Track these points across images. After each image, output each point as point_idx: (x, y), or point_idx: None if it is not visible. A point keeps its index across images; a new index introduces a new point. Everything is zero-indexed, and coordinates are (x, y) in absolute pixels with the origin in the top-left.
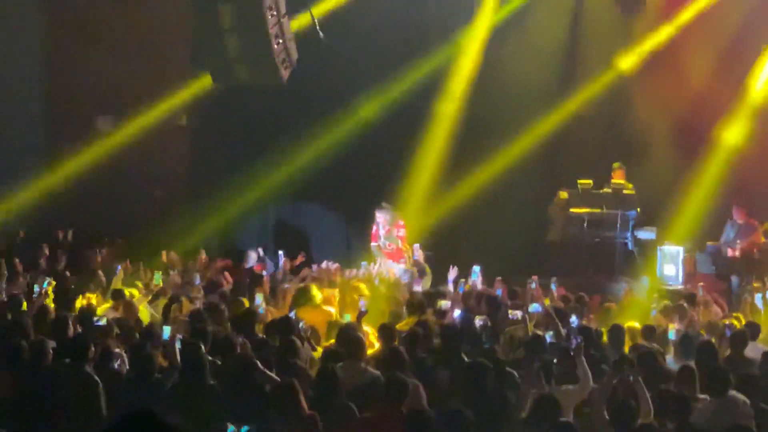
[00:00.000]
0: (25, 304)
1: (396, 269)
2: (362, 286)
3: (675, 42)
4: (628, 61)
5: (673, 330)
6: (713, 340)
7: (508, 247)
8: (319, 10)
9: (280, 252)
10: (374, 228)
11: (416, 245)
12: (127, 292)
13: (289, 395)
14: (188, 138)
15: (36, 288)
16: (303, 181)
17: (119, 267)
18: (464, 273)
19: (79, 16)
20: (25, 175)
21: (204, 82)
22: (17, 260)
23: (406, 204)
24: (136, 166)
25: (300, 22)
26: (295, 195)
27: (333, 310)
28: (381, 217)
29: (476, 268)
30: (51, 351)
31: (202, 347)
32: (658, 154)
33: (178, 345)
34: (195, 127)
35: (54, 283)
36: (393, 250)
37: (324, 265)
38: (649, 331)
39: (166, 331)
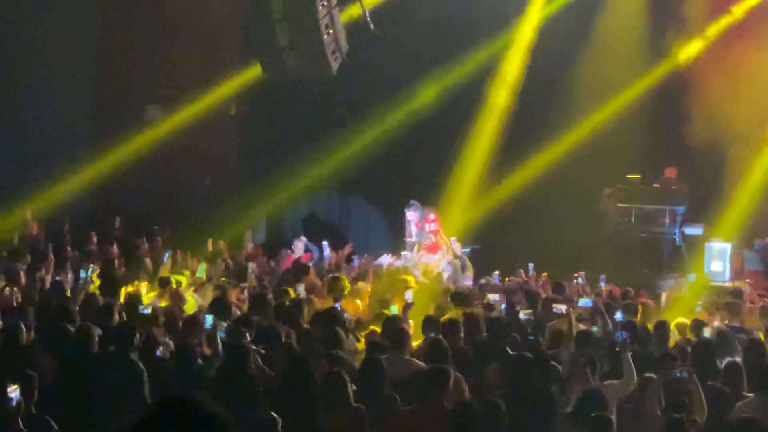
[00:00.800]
0: (69, 290)
1: (438, 262)
2: (410, 279)
3: (730, 35)
4: (685, 53)
5: (709, 328)
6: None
7: (557, 242)
8: (370, 1)
9: (325, 242)
10: (407, 227)
11: (453, 239)
12: (173, 280)
13: (337, 387)
14: (238, 127)
15: (82, 274)
16: (350, 172)
17: (167, 255)
18: (512, 268)
19: (131, 5)
20: (76, 164)
21: (255, 72)
22: (68, 248)
23: (454, 197)
24: (185, 155)
25: (351, 13)
26: (341, 186)
27: (359, 302)
28: (410, 215)
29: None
30: (97, 337)
31: (247, 336)
32: (708, 150)
33: (221, 334)
34: (245, 116)
35: (98, 270)
36: (429, 244)
37: (381, 258)
38: (697, 327)
39: (209, 319)
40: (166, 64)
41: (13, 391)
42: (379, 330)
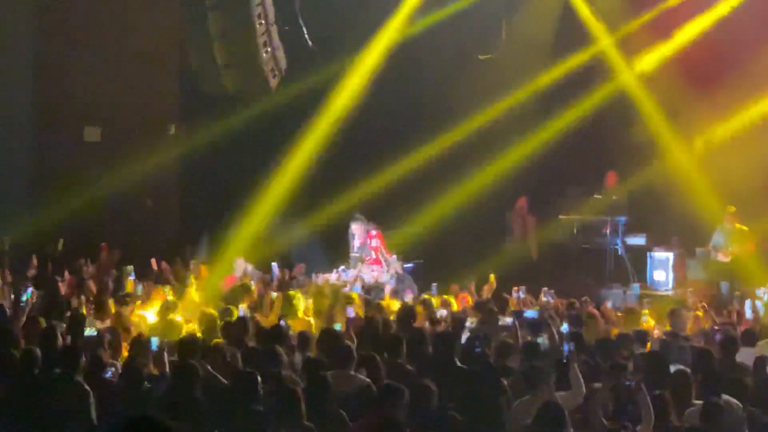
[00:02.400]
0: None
1: (381, 276)
2: (354, 295)
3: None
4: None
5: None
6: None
7: (498, 254)
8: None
9: (274, 264)
10: (351, 240)
11: (393, 256)
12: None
13: (291, 404)
14: (177, 147)
15: (23, 297)
16: (292, 189)
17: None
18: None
19: (69, 24)
20: (15, 187)
21: (193, 90)
22: (6, 270)
23: (390, 214)
24: (126, 176)
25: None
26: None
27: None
28: (355, 228)
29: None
30: (40, 361)
31: (195, 364)
32: (648, 160)
33: (166, 355)
34: (183, 135)
35: (35, 293)
36: (371, 260)
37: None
38: (641, 337)
39: (154, 342)
40: (104, 83)
41: None
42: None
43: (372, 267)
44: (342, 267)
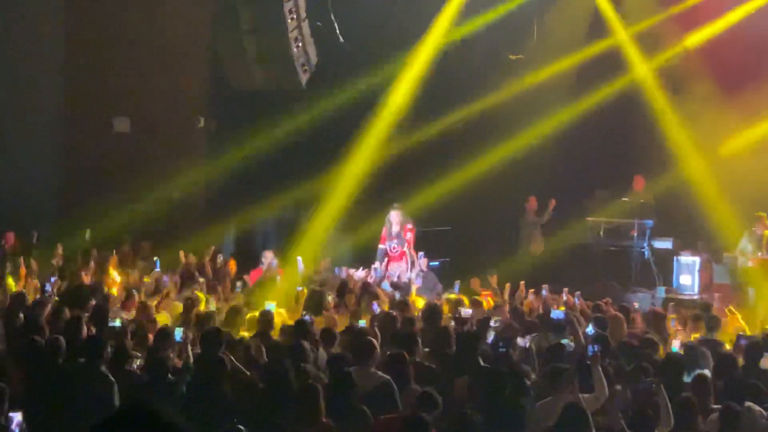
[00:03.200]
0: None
1: (405, 274)
2: (379, 291)
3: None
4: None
5: (676, 342)
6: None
7: (524, 255)
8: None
9: (299, 258)
10: (384, 229)
11: (421, 253)
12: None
13: (310, 400)
14: (206, 140)
15: (47, 287)
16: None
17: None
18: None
19: (99, 16)
20: (43, 177)
21: (223, 84)
22: (32, 260)
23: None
24: (154, 168)
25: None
26: (309, 200)
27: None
28: (394, 216)
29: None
30: (65, 349)
31: (223, 358)
32: (676, 164)
33: (190, 346)
34: (213, 129)
35: (59, 282)
36: (398, 253)
37: (346, 271)
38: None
39: (178, 332)
40: (134, 77)
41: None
42: None
43: (398, 264)
44: (374, 266)
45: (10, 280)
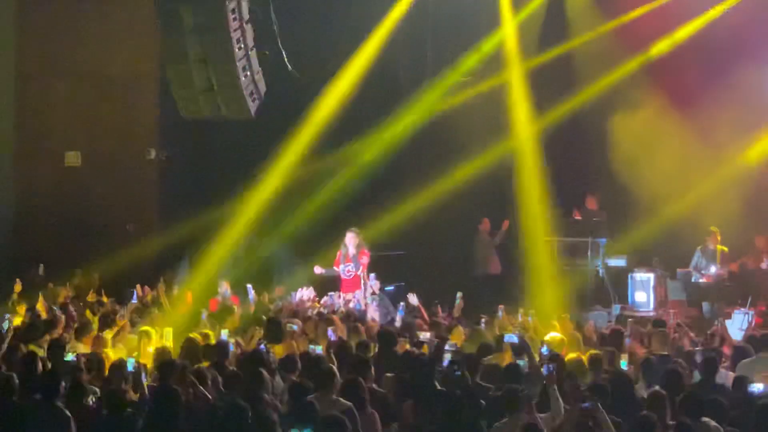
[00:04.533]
0: None
1: (358, 300)
2: (335, 317)
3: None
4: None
5: (624, 359)
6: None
7: (476, 275)
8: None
9: (249, 285)
10: (339, 252)
11: (373, 275)
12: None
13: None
14: (158, 171)
15: (4, 325)
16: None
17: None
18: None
19: (48, 52)
20: None
21: (173, 115)
22: None
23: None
24: (107, 201)
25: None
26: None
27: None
28: (350, 239)
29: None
30: (18, 386)
31: (177, 389)
32: (628, 180)
33: (144, 378)
34: (164, 160)
35: (14, 320)
36: (351, 276)
37: (299, 295)
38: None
39: (131, 363)
40: (83, 110)
41: None
42: None
43: (351, 293)
44: (330, 293)
45: None
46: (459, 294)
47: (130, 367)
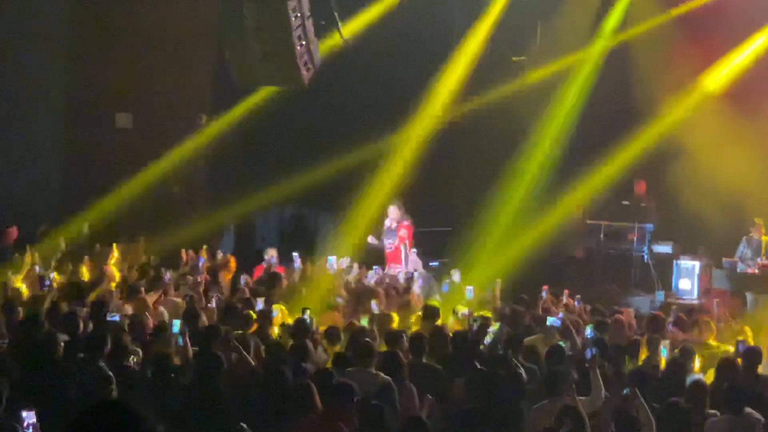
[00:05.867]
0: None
1: (400, 274)
2: (379, 291)
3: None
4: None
5: (665, 346)
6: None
7: (524, 257)
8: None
9: (295, 254)
10: (385, 223)
11: (413, 250)
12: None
13: (306, 397)
14: (207, 136)
15: (46, 283)
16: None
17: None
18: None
19: (104, 11)
20: (46, 172)
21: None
22: (36, 255)
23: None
24: (155, 163)
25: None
26: (310, 198)
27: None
28: (392, 212)
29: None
30: (62, 344)
31: (221, 355)
32: (677, 168)
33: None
34: (214, 125)
35: (58, 277)
36: (392, 250)
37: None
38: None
39: (176, 324)
40: (137, 72)
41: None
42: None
43: (393, 265)
44: (375, 267)
45: (10, 275)
46: (498, 281)
47: (175, 329)
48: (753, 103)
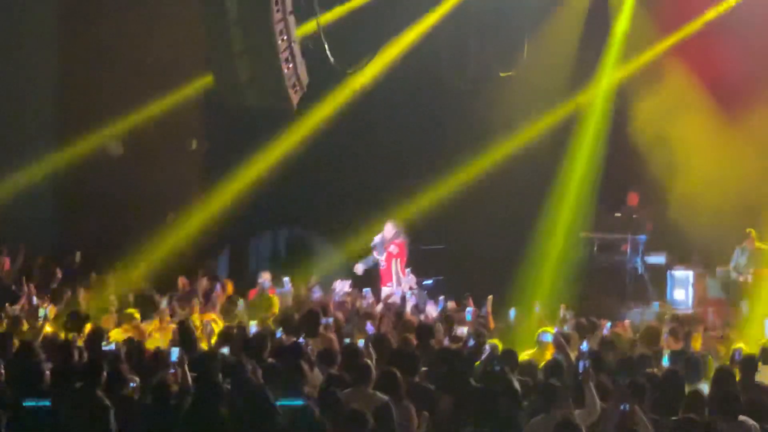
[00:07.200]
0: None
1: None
2: (374, 312)
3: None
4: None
5: (666, 354)
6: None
7: (518, 272)
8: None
9: (286, 278)
10: (375, 240)
11: (408, 270)
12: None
13: (305, 419)
14: (199, 161)
15: (41, 312)
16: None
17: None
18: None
19: (93, 37)
20: (37, 200)
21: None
22: (32, 285)
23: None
24: (148, 190)
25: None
26: (303, 220)
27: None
28: (387, 229)
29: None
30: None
31: (219, 376)
32: (670, 177)
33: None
34: (204, 150)
35: (53, 308)
36: (384, 267)
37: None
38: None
39: (174, 352)
40: (126, 99)
41: None
42: None
43: (390, 287)
44: (366, 289)
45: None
46: (489, 297)
47: (173, 357)
48: (745, 111)
